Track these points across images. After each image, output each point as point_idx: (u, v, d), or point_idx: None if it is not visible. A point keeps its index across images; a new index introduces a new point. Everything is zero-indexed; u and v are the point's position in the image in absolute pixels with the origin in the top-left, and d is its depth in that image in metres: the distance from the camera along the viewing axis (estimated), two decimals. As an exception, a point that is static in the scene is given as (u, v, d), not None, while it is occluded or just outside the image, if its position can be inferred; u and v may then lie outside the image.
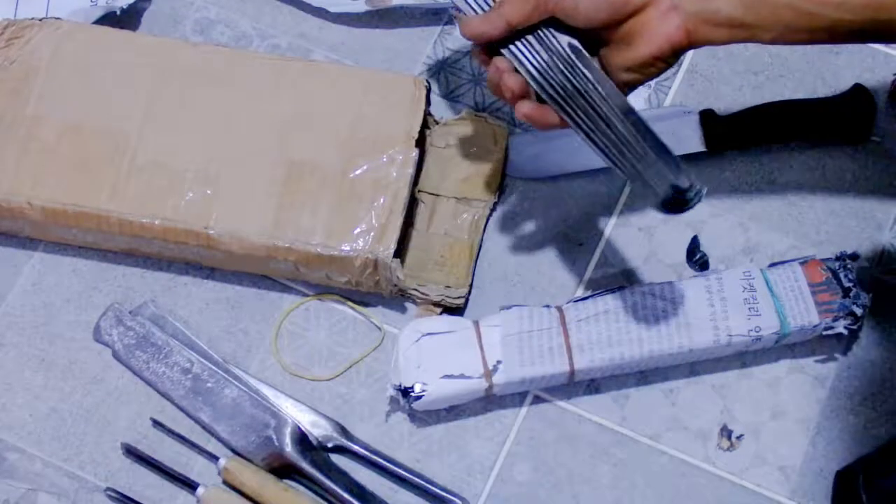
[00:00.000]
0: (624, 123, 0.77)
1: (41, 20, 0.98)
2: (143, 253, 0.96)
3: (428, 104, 0.95)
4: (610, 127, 0.78)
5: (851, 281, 0.89)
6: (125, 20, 1.04)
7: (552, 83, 0.80)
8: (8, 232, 0.97)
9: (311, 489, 0.89)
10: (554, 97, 0.80)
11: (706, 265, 0.95)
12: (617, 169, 0.78)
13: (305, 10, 1.06)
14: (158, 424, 0.91)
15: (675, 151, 0.97)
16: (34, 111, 0.94)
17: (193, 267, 0.97)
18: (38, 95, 0.95)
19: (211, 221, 0.91)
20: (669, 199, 0.76)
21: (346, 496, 0.86)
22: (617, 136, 0.78)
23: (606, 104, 0.78)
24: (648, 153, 0.76)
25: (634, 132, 0.77)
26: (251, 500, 0.87)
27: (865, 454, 0.63)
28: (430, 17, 1.06)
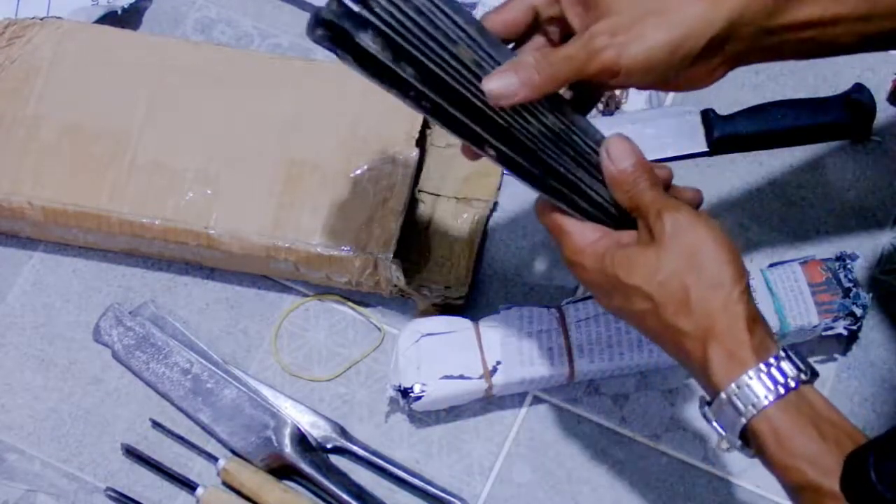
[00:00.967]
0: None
1: (42, 19, 0.98)
2: (143, 253, 0.96)
3: (428, 104, 0.95)
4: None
5: (851, 281, 0.89)
6: (126, 19, 1.04)
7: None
8: (8, 232, 0.97)
9: (310, 490, 0.89)
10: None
11: None
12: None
13: (307, 9, 1.06)
14: (158, 425, 0.91)
15: (675, 151, 0.98)
16: (34, 111, 0.94)
17: (193, 267, 0.97)
18: (38, 95, 0.95)
19: (211, 221, 0.91)
20: None
21: (345, 497, 0.86)
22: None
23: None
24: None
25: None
26: (250, 500, 0.87)
27: (876, 436, 0.63)
28: (430, 16, 1.06)
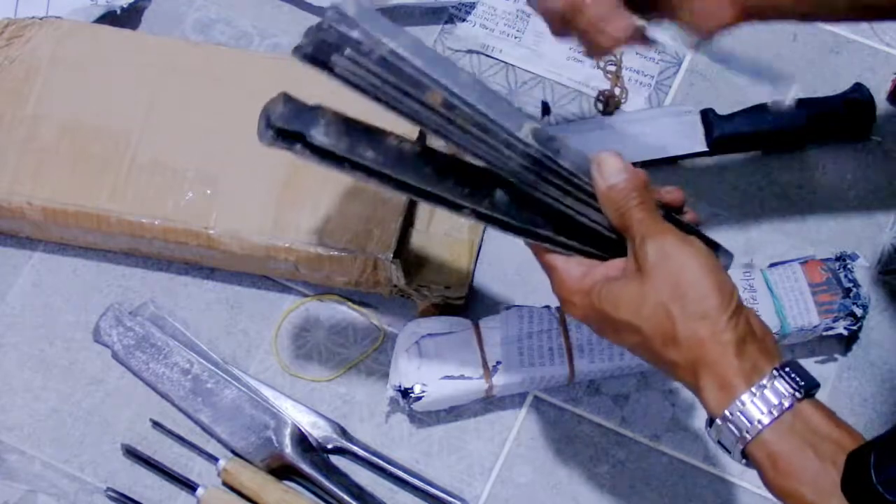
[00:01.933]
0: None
1: (41, 19, 0.98)
2: (143, 253, 0.96)
3: (428, 104, 0.95)
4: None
5: (851, 281, 0.89)
6: (125, 19, 1.03)
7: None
8: (8, 232, 0.97)
9: (310, 490, 0.89)
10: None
11: None
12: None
13: (306, 8, 1.06)
14: (158, 425, 0.91)
15: (675, 151, 0.98)
16: (34, 111, 0.94)
17: (193, 267, 0.97)
18: (38, 95, 0.95)
19: (211, 221, 0.91)
20: None
21: (345, 497, 0.86)
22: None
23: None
24: None
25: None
26: (251, 501, 0.87)
27: (877, 436, 0.63)
28: (430, 16, 1.06)
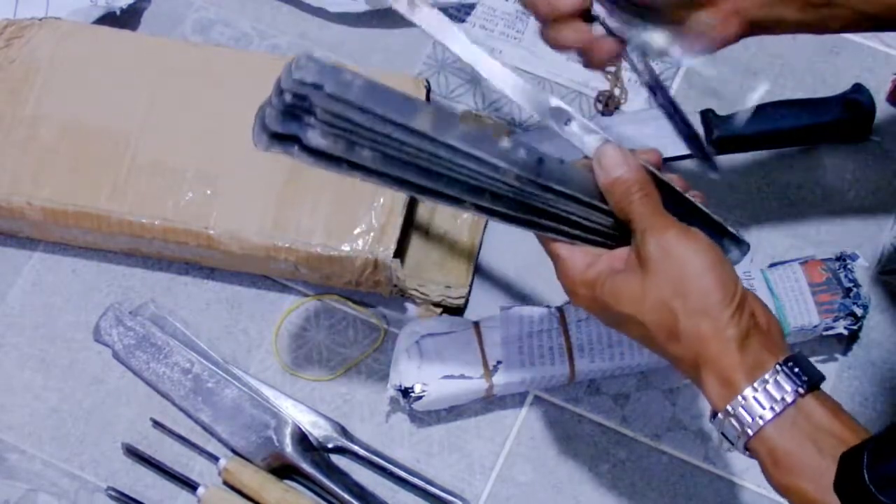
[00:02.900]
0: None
1: (41, 20, 0.98)
2: (143, 253, 0.96)
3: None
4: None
5: (851, 281, 0.89)
6: (125, 20, 1.04)
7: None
8: (8, 232, 0.97)
9: (311, 490, 0.89)
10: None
11: None
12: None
13: (305, 9, 1.06)
14: (158, 425, 0.91)
15: (675, 151, 0.98)
16: (34, 111, 0.94)
17: (193, 267, 0.97)
18: (38, 95, 0.95)
19: (211, 221, 0.91)
20: None
21: (346, 496, 0.86)
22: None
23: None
24: None
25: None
26: (251, 500, 0.87)
27: (870, 436, 0.63)
28: (429, 16, 1.06)
